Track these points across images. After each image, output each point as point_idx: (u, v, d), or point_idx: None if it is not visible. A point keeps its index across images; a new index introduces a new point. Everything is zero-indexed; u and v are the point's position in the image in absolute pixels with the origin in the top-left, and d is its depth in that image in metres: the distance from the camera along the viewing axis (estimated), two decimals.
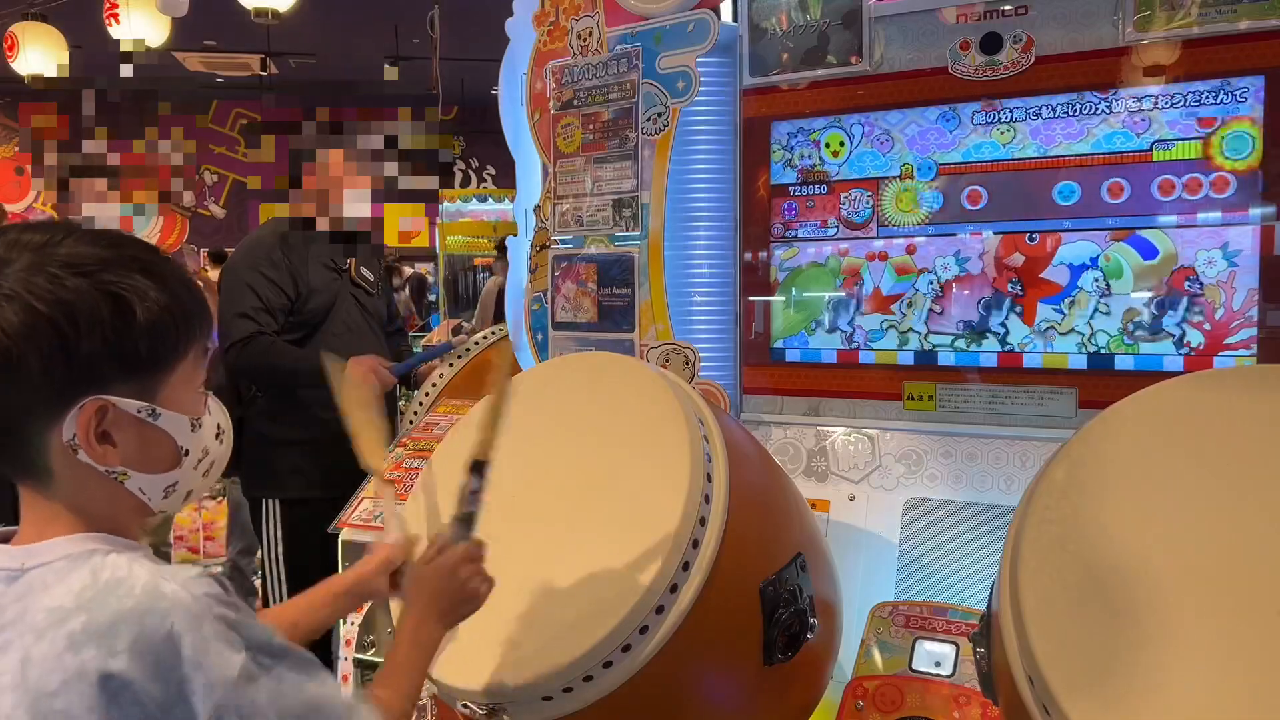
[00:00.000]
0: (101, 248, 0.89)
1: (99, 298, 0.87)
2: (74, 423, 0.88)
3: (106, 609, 0.83)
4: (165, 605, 0.84)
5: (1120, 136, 1.75)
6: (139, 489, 0.93)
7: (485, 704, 1.28)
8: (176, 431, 0.94)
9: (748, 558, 1.33)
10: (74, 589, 0.85)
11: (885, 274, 1.98)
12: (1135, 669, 0.99)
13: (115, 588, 0.85)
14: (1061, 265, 1.82)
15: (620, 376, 1.51)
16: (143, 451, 0.92)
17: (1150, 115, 1.72)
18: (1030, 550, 1.11)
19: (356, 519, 2.27)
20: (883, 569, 1.84)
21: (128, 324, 0.88)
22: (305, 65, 10.22)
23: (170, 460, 0.95)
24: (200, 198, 12.41)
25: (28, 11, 6.92)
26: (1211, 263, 1.71)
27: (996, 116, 1.85)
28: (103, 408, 0.88)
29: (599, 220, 2.17)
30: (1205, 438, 1.13)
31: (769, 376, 2.12)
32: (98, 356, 0.87)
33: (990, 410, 1.87)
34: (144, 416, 0.91)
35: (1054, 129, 1.80)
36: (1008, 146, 1.84)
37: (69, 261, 0.87)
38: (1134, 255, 1.77)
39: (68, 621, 0.83)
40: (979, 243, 1.88)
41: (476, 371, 2.71)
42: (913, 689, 1.48)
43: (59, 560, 0.88)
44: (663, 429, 1.34)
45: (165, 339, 0.91)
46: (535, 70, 2.29)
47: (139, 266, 0.90)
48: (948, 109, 1.88)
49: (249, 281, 2.59)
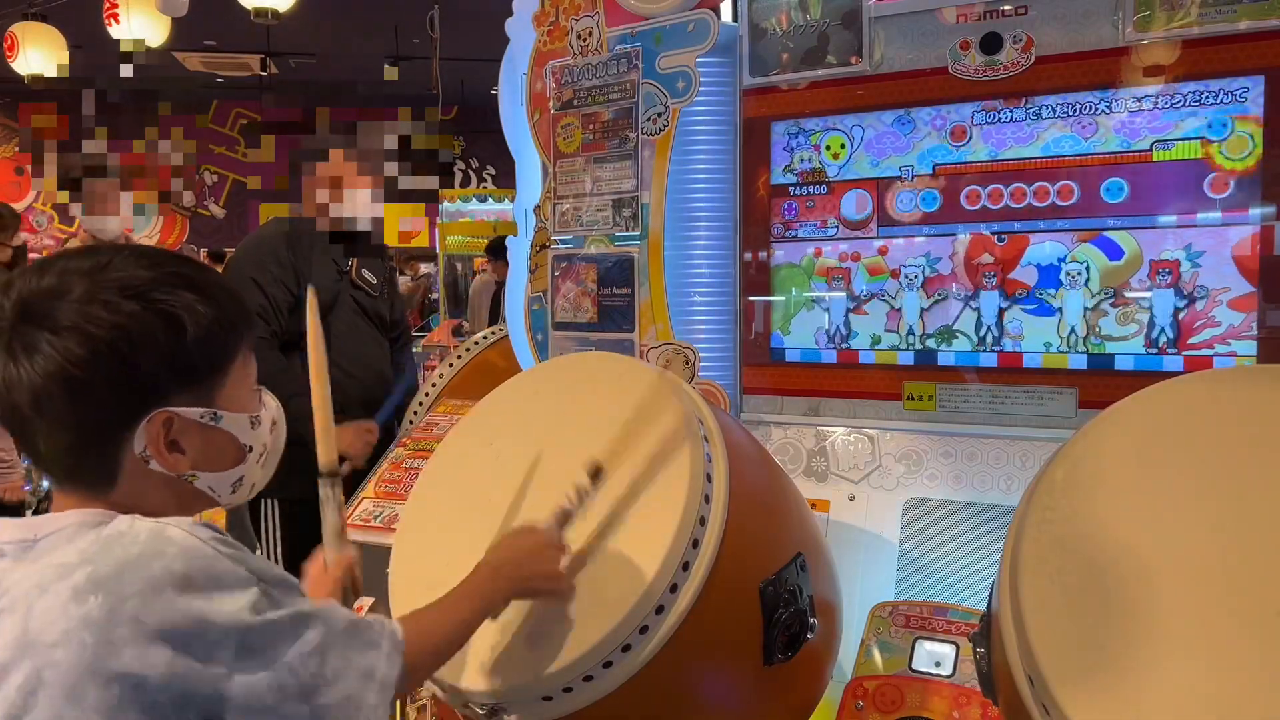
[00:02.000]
0: (146, 268, 0.94)
1: (152, 318, 0.92)
2: (143, 436, 0.93)
3: (111, 558, 0.86)
4: (173, 549, 0.87)
5: (1119, 137, 1.75)
6: (208, 487, 1.00)
7: (485, 704, 1.28)
8: (239, 431, 1.00)
9: (748, 558, 1.33)
10: (80, 546, 0.88)
11: (858, 275, 2.00)
12: (1135, 669, 0.99)
13: (119, 539, 0.88)
14: (1030, 265, 1.84)
15: (619, 376, 1.51)
16: (209, 453, 0.98)
17: (1150, 115, 1.72)
18: (1030, 550, 1.11)
19: (357, 519, 2.27)
20: (883, 569, 1.84)
21: (180, 339, 0.93)
22: (305, 65, 10.22)
23: (235, 458, 1.01)
24: (200, 198, 12.41)
25: (28, 11, 6.92)
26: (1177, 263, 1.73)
27: (996, 116, 1.85)
28: (169, 419, 0.94)
29: (599, 220, 2.17)
30: (1205, 437, 1.13)
31: (769, 376, 2.12)
32: (157, 373, 0.93)
33: (990, 410, 1.87)
34: (207, 421, 0.97)
35: (1054, 129, 1.80)
36: (1006, 147, 1.84)
37: (121, 286, 0.91)
38: (1100, 256, 1.79)
39: (72, 575, 0.85)
40: (949, 244, 1.91)
41: (476, 371, 2.71)
42: (913, 689, 1.48)
43: (69, 526, 0.91)
44: (662, 429, 1.34)
45: (216, 347, 0.97)
46: (535, 70, 2.29)
47: (183, 283, 0.95)
48: (949, 108, 1.89)
49: (255, 277, 2.59)
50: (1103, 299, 1.78)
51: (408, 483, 2.30)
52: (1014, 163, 1.84)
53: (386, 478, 2.37)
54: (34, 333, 0.89)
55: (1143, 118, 1.73)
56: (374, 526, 2.22)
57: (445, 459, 1.59)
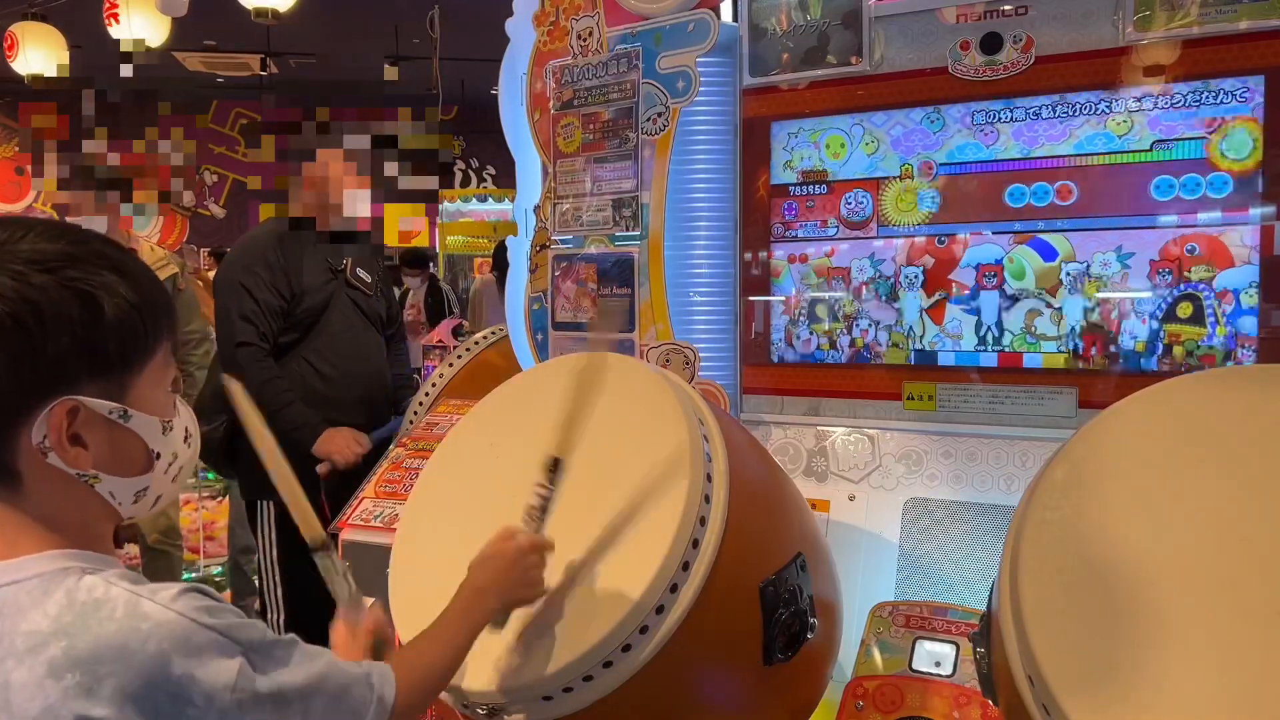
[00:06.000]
0: (66, 243, 0.86)
1: (66, 295, 0.84)
2: (44, 424, 0.85)
3: (87, 634, 0.81)
4: (148, 627, 0.82)
5: (1118, 137, 1.75)
6: (109, 493, 0.90)
7: (485, 704, 1.28)
8: (148, 434, 0.91)
9: (748, 558, 1.33)
10: (50, 613, 0.83)
11: (805, 275, 2.06)
12: (1135, 669, 0.99)
13: (95, 610, 0.82)
14: (969, 267, 1.88)
15: (619, 376, 1.51)
16: (114, 454, 0.90)
17: (1150, 115, 1.72)
18: (1030, 550, 1.11)
19: (356, 519, 2.27)
20: (883, 569, 1.84)
21: (96, 322, 0.85)
22: (305, 65, 10.22)
23: (142, 464, 0.92)
24: (200, 198, 12.41)
25: (28, 11, 6.92)
26: (1106, 265, 1.76)
27: (997, 116, 1.85)
28: (74, 408, 0.86)
29: (599, 220, 2.17)
30: (1205, 437, 1.13)
31: (769, 376, 2.12)
32: (66, 355, 0.84)
33: (990, 410, 1.87)
34: (115, 418, 0.88)
35: (1056, 129, 1.80)
36: (1005, 148, 1.84)
37: (32, 258, 0.84)
38: (1035, 257, 1.82)
39: (47, 647, 0.81)
40: (890, 248, 1.96)
41: (476, 371, 2.71)
42: (913, 689, 1.48)
43: (30, 579, 0.85)
44: (662, 429, 1.34)
45: (134, 337, 0.89)
46: (535, 70, 2.29)
47: (106, 263, 0.88)
48: (946, 108, 1.89)
49: (244, 282, 2.58)
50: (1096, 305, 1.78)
51: (408, 483, 2.29)
52: (1015, 162, 1.84)
53: (386, 478, 2.37)
54: None
55: (1142, 117, 1.73)
56: (374, 526, 2.22)
57: (445, 458, 1.59)
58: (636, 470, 1.32)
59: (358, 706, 0.96)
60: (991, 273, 1.87)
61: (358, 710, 0.96)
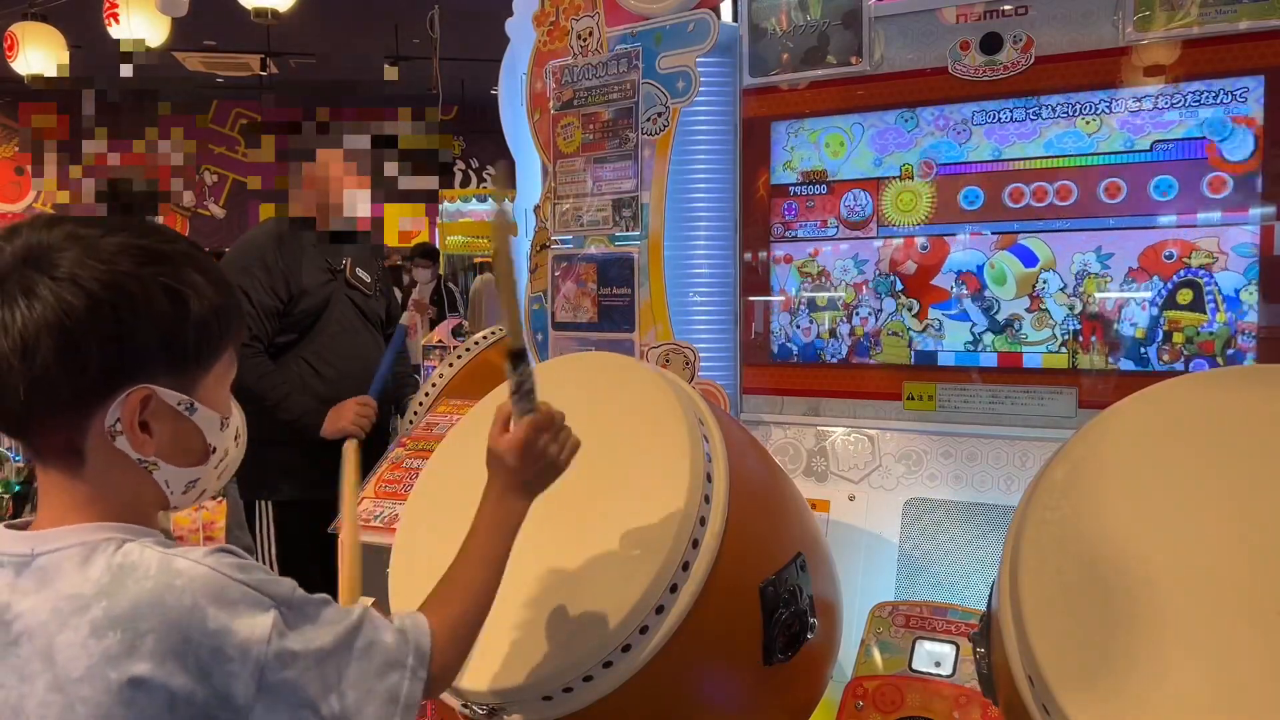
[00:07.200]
0: (156, 241, 0.91)
1: (158, 290, 0.89)
2: (119, 409, 0.89)
3: (125, 594, 0.84)
4: (182, 582, 0.85)
5: (1118, 137, 1.75)
6: (165, 481, 0.94)
7: (485, 704, 1.28)
8: (208, 428, 0.96)
9: (748, 558, 1.33)
10: (90, 576, 0.86)
11: (789, 276, 2.07)
12: (1135, 669, 0.99)
13: (130, 571, 0.86)
14: (950, 272, 1.90)
15: (620, 376, 1.51)
16: (175, 444, 0.94)
17: (1150, 115, 1.72)
18: (1030, 550, 1.11)
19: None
20: (883, 569, 1.84)
21: (182, 318, 0.90)
22: (305, 65, 10.21)
23: (198, 456, 0.96)
24: (200, 198, 12.40)
25: (28, 11, 6.91)
26: (1087, 265, 1.77)
27: (997, 116, 1.85)
28: (148, 397, 0.90)
29: (599, 220, 2.17)
30: (1205, 437, 1.13)
31: (769, 376, 2.12)
32: (151, 347, 0.89)
33: (990, 410, 1.87)
34: (182, 410, 0.93)
35: (1054, 129, 1.80)
36: (1009, 145, 1.84)
37: (133, 250, 0.88)
38: (1016, 262, 1.84)
39: (89, 609, 0.84)
40: (874, 250, 1.97)
41: (477, 371, 2.71)
42: (913, 689, 1.48)
43: (71, 547, 0.89)
44: (662, 429, 1.34)
45: (211, 336, 0.94)
46: (535, 70, 2.29)
47: (193, 264, 0.92)
48: (947, 108, 1.89)
49: (241, 284, 2.58)
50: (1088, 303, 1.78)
51: (408, 483, 2.29)
52: (1015, 162, 1.84)
53: (386, 478, 2.37)
54: (35, 277, 0.85)
55: (1143, 117, 1.73)
56: (374, 527, 2.22)
57: (445, 459, 1.59)
58: (636, 470, 1.32)
59: (395, 659, 0.96)
60: (990, 272, 1.87)
61: (395, 662, 0.96)
